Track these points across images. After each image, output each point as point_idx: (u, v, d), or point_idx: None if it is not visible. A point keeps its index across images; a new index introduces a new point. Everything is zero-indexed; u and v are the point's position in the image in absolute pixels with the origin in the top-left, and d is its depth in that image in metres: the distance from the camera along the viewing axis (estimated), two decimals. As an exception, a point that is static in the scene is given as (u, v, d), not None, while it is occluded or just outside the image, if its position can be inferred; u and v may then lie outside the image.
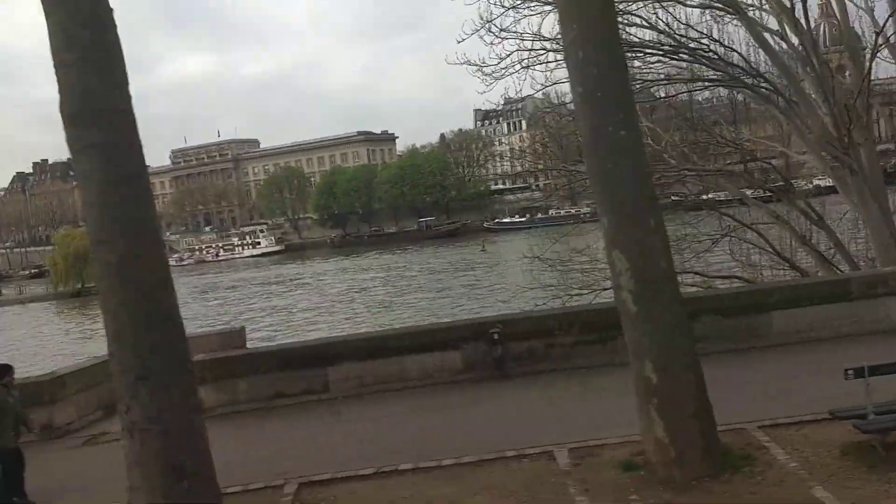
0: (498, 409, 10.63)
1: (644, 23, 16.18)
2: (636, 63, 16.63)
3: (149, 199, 7.12)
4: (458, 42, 16.34)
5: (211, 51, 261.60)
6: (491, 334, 11.86)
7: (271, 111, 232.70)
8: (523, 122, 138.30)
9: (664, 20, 15.99)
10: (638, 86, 16.42)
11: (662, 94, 18.75)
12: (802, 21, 15.41)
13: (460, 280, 60.98)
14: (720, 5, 15.86)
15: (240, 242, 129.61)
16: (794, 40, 15.93)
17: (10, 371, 9.25)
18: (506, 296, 40.70)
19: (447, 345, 12.08)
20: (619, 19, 13.92)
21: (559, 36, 12.25)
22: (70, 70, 6.54)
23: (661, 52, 16.52)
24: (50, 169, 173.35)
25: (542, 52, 16.29)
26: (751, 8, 16.35)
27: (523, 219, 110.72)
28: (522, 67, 16.35)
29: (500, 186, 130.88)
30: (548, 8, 15.56)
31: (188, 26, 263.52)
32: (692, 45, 16.25)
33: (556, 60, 16.18)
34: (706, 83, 18.34)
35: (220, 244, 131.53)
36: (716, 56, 16.30)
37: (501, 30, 15.98)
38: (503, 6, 15.77)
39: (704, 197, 22.78)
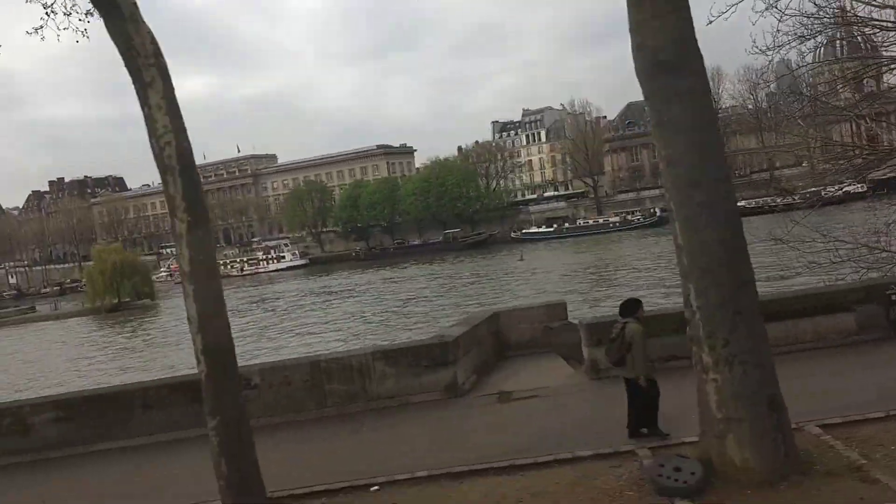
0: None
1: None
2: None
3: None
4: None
5: (211, 73, 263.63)
6: (888, 295, 12.12)
7: (271, 128, 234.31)
8: (542, 133, 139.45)
9: None
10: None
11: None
12: None
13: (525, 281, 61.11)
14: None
15: (264, 257, 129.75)
16: None
17: (640, 306, 9.57)
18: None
19: (840, 307, 12.30)
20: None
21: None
22: (666, 19, 6.92)
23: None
24: (67, 187, 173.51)
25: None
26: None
27: (551, 229, 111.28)
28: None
29: (524, 198, 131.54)
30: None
31: (189, 49, 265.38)
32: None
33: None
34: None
35: (245, 259, 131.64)
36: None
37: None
38: None
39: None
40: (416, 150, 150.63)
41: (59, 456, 11.65)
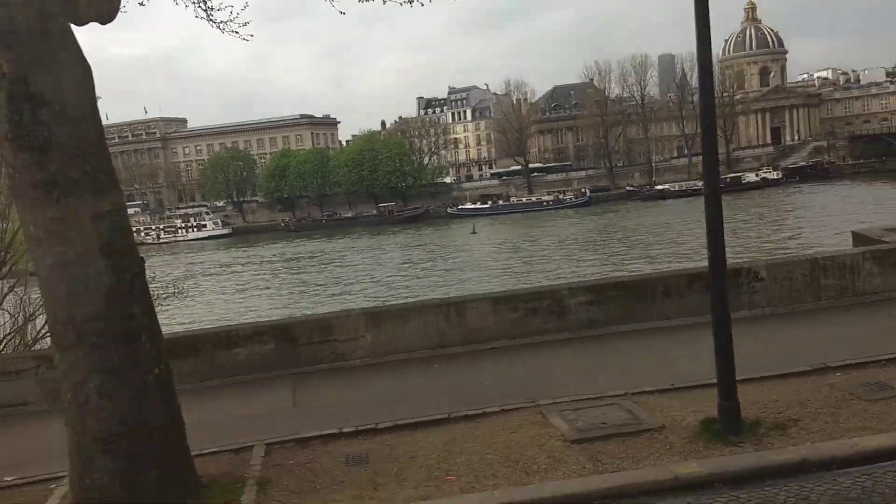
0: None
1: None
2: None
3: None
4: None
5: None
6: None
7: (152, 92, 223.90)
8: (468, 112, 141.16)
9: None
10: None
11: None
12: None
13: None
14: None
15: (183, 225, 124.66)
16: None
17: None
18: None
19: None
20: None
21: None
22: None
23: None
24: None
25: None
26: None
27: (486, 205, 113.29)
28: None
29: (459, 175, 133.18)
30: None
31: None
32: None
33: None
34: None
35: (161, 226, 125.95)
36: None
37: None
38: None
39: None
40: (339, 122, 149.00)
41: (588, 335, 12.17)
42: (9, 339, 17.29)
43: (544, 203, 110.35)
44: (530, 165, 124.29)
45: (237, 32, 10.59)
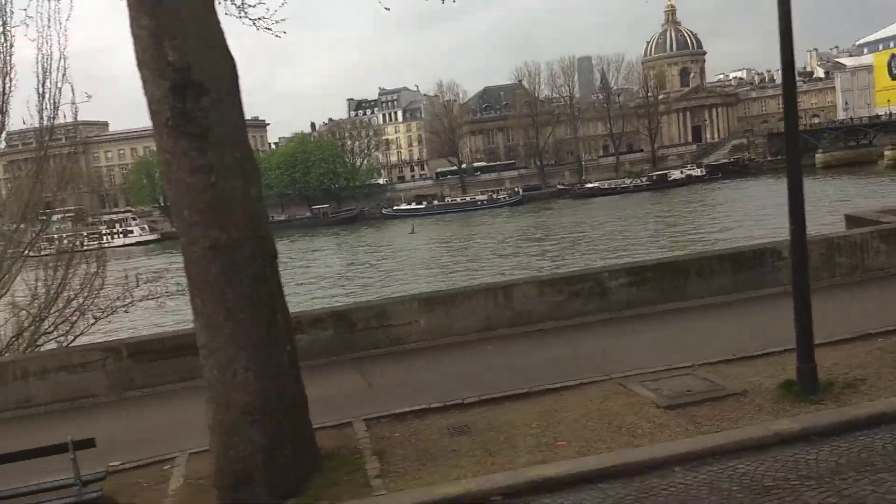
0: None
1: None
2: None
3: None
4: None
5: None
6: None
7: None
8: (399, 113, 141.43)
9: None
10: None
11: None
12: None
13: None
14: None
15: (108, 231, 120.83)
16: None
17: None
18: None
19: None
20: None
21: None
22: None
23: None
24: None
25: None
26: None
27: (421, 206, 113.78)
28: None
29: (392, 176, 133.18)
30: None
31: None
32: None
33: None
34: None
35: (85, 233, 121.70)
36: None
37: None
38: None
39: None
40: (269, 124, 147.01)
41: (629, 315, 12.94)
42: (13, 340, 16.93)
43: (478, 203, 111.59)
44: (475, 164, 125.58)
45: (270, 29, 10.77)
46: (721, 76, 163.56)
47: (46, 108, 16.24)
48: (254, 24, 10.76)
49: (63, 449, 7.57)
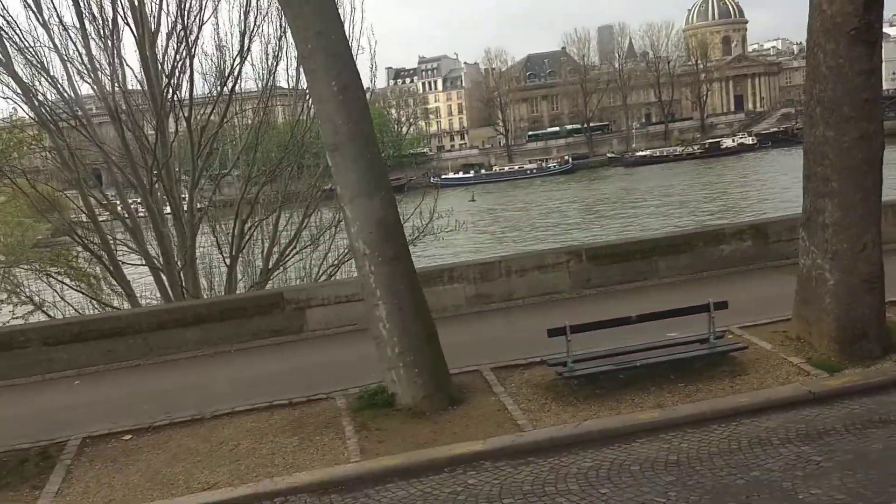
0: None
1: None
2: None
3: None
4: None
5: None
6: None
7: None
8: (439, 82, 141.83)
9: None
10: None
11: None
12: None
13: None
14: None
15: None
16: None
17: None
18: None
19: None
20: None
21: None
22: None
23: None
24: None
25: None
26: None
27: (469, 175, 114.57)
28: None
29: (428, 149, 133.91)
30: None
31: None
32: None
33: None
34: None
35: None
36: None
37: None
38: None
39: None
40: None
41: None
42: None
43: (527, 171, 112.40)
44: (551, 127, 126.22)
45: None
46: (756, 45, 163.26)
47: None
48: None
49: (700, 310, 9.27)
